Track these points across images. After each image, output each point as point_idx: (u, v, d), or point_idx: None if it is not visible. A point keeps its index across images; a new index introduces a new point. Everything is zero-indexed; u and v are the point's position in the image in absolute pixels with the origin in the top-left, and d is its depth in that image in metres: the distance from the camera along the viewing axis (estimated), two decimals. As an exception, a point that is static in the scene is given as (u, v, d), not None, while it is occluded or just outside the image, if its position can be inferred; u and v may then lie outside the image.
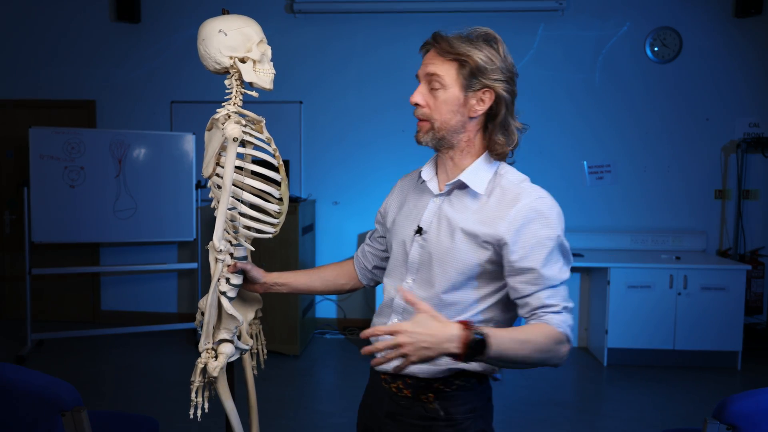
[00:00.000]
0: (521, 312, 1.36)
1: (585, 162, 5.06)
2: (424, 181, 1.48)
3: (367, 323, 1.99)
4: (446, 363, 1.33)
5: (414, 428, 1.40)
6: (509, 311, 1.42)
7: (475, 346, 1.16)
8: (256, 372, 2.11)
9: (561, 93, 5.01)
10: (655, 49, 4.96)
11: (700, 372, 4.39)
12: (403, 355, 1.16)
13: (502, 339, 1.20)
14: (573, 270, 4.94)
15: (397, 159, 5.01)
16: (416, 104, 1.38)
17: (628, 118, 5.02)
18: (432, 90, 1.36)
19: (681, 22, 4.94)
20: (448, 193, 1.43)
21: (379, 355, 1.20)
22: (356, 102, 5.15)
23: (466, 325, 1.18)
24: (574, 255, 4.69)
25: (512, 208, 1.32)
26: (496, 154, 1.40)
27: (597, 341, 4.72)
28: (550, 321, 1.29)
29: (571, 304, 1.33)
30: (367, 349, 1.20)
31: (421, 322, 1.18)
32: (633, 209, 5.06)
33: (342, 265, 1.75)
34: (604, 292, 4.52)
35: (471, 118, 1.37)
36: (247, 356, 2.04)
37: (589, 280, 4.95)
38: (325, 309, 5.32)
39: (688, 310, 4.41)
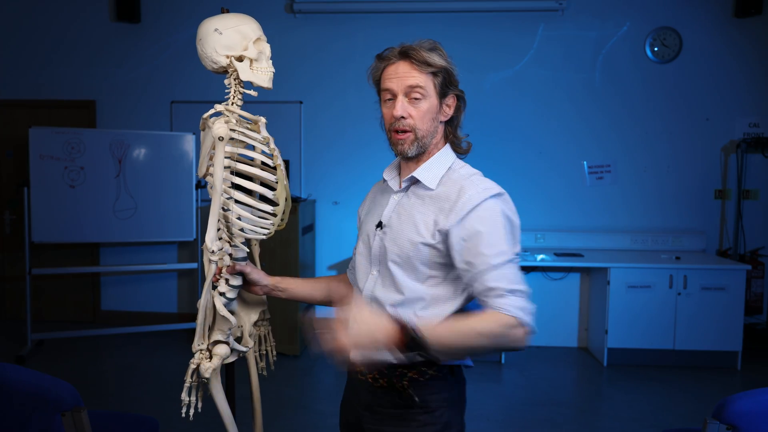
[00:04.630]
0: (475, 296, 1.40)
1: (585, 162, 5.05)
2: (386, 180, 1.58)
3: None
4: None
5: (390, 417, 1.45)
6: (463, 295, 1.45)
7: (413, 345, 1.23)
8: (265, 373, 2.10)
9: (561, 93, 5.00)
10: (655, 49, 4.96)
11: (699, 372, 4.39)
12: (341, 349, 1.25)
13: (441, 333, 1.28)
14: (573, 270, 4.98)
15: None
16: (401, 117, 1.43)
17: (628, 118, 5.02)
18: (413, 100, 1.43)
19: (681, 22, 4.93)
20: (406, 189, 1.51)
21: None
22: (356, 102, 5.14)
23: (401, 326, 1.24)
24: (575, 255, 4.70)
25: (459, 200, 1.38)
26: (462, 149, 1.53)
27: (597, 341, 4.72)
28: (495, 305, 1.30)
29: (522, 287, 1.32)
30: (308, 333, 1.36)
31: (361, 322, 1.25)
32: (633, 209, 5.06)
33: (341, 278, 1.75)
34: (604, 292, 4.52)
35: (441, 121, 1.49)
36: (251, 357, 2.03)
37: (589, 280, 4.95)
38: (325, 309, 5.31)
39: (688, 310, 4.41)
